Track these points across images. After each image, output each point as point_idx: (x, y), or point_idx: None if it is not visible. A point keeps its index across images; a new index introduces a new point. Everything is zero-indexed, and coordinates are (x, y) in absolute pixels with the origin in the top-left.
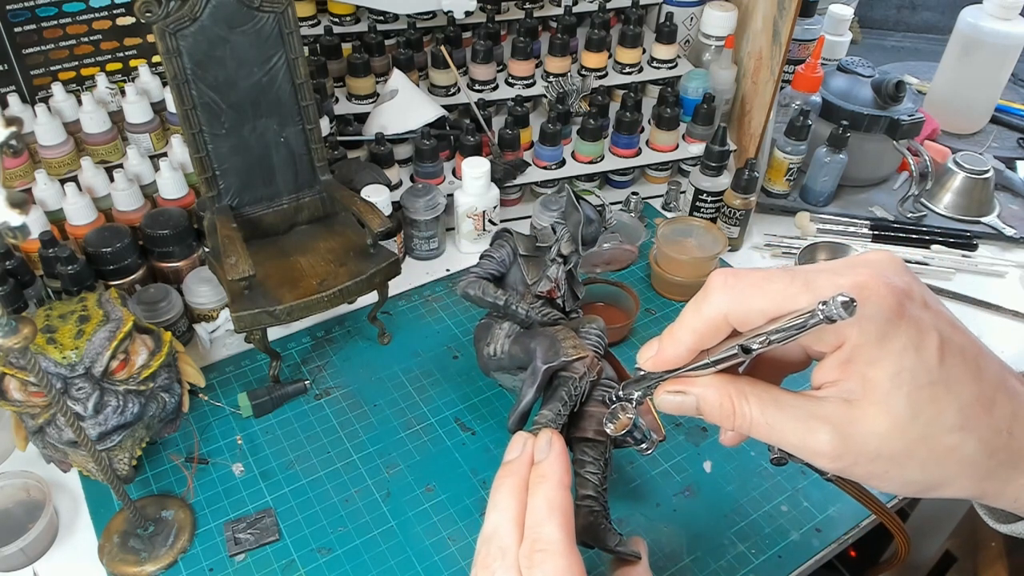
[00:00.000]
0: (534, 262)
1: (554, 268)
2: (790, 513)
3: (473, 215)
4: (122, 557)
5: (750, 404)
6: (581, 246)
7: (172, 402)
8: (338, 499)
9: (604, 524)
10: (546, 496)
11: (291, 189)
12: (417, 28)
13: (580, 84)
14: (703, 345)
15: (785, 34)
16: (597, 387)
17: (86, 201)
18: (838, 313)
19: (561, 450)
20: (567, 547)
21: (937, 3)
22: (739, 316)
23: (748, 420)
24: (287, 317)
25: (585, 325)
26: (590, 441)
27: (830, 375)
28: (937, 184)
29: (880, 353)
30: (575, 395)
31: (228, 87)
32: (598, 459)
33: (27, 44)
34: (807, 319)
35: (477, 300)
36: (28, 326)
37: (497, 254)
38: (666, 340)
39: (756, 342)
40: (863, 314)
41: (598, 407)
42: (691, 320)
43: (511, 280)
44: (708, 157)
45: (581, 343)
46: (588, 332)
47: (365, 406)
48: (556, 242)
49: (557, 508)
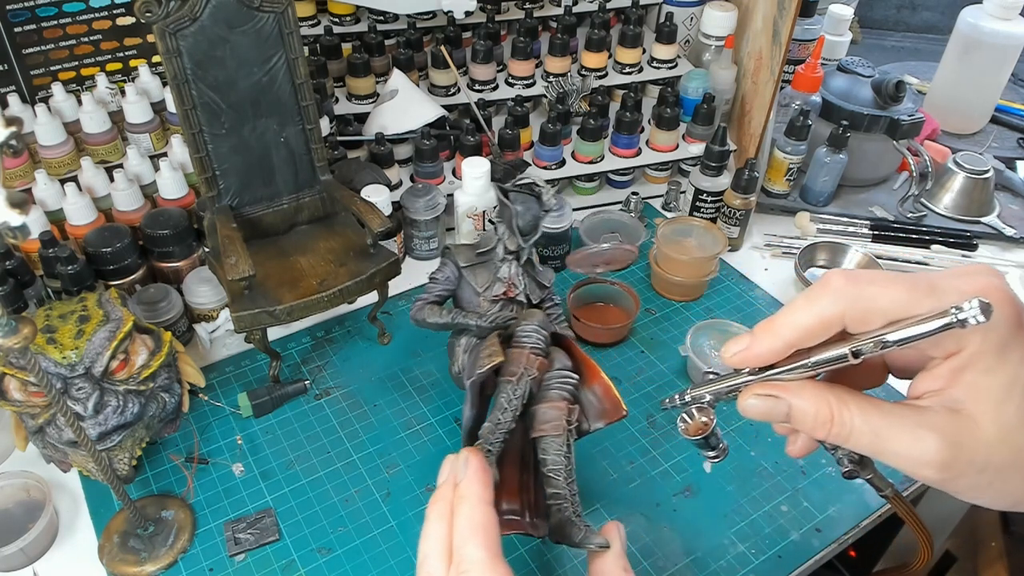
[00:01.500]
0: (482, 269)
1: (505, 267)
2: (790, 513)
3: (473, 215)
4: (122, 557)
5: (851, 412)
6: (522, 237)
7: (172, 402)
8: (338, 499)
9: (572, 520)
10: (466, 516)
11: (291, 189)
12: (417, 28)
13: (580, 84)
14: (805, 343)
15: (785, 34)
16: (547, 383)
17: (86, 201)
18: (975, 317)
19: (477, 467)
20: (490, 564)
21: (937, 3)
22: (858, 316)
23: (848, 428)
24: (287, 317)
25: (521, 323)
26: (549, 438)
27: (935, 384)
28: (937, 184)
29: (998, 362)
30: (514, 399)
31: (228, 87)
32: (559, 455)
33: (27, 44)
34: (940, 321)
35: (428, 325)
36: (28, 326)
37: (441, 275)
38: (761, 335)
39: (867, 346)
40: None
41: (552, 403)
42: (801, 316)
43: (465, 294)
44: (708, 157)
45: (499, 348)
46: (522, 331)
47: (365, 406)
48: (498, 241)
49: (478, 526)
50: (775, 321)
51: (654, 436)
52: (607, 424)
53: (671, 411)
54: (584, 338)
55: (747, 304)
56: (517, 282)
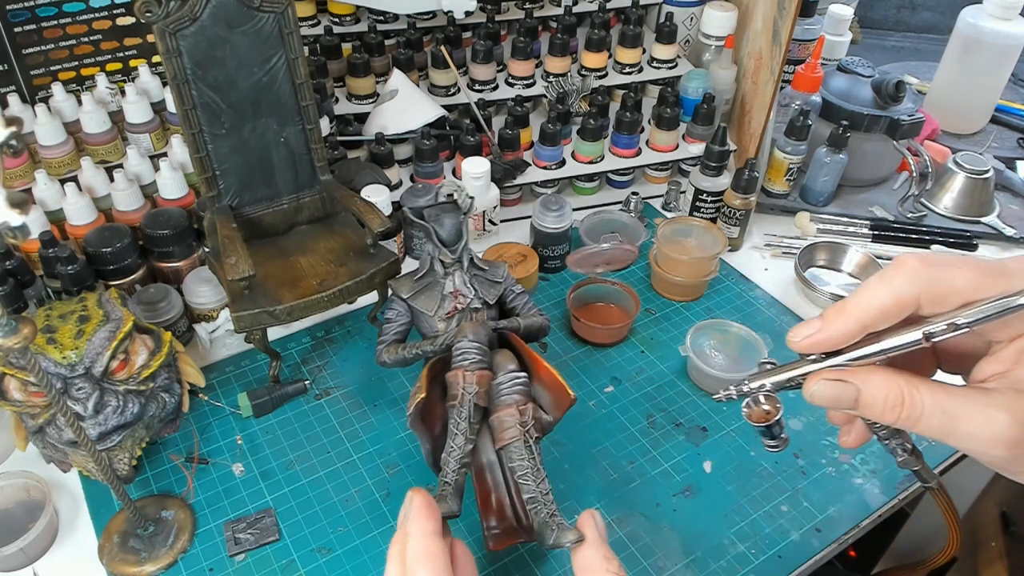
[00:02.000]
0: (428, 292)
1: (449, 281)
2: (790, 513)
3: (473, 215)
4: (122, 557)
5: (922, 394)
6: (450, 249)
7: (172, 402)
8: (338, 499)
9: (546, 521)
10: (412, 551)
11: (291, 189)
12: (417, 28)
13: (580, 84)
14: (879, 325)
15: (785, 34)
16: (497, 389)
17: (86, 201)
18: None
19: (420, 503)
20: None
21: (937, 3)
22: (934, 297)
23: (920, 410)
24: (287, 317)
25: (456, 341)
26: (511, 446)
27: (1000, 366)
28: (937, 184)
29: None
30: (461, 422)
31: (228, 87)
32: (523, 460)
33: (27, 44)
34: (1015, 301)
35: (395, 365)
36: (28, 326)
37: (392, 312)
38: (834, 317)
39: (940, 328)
40: None
41: (505, 409)
42: (876, 296)
43: (421, 322)
44: (708, 157)
45: (422, 384)
46: (456, 350)
47: (365, 406)
48: (433, 261)
49: (422, 556)
50: (847, 303)
51: (654, 436)
52: (562, 413)
53: (671, 412)
54: (584, 338)
55: (747, 304)
56: (465, 292)
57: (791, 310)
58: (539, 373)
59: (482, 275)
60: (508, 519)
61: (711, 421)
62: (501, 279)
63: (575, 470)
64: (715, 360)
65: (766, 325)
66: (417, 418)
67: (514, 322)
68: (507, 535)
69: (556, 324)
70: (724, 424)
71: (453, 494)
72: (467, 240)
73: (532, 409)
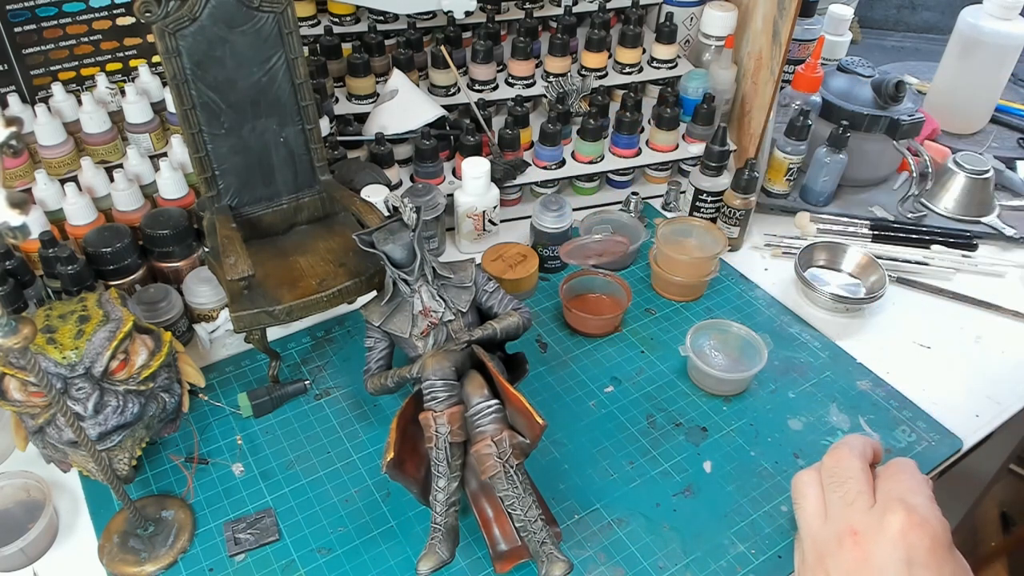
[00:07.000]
0: (399, 314)
1: (416, 300)
2: (790, 513)
3: (473, 215)
4: (122, 557)
5: None
6: (411, 266)
7: (172, 402)
8: (338, 499)
9: (538, 551)
10: None
11: (291, 189)
12: (417, 28)
13: (580, 84)
14: None
15: (785, 34)
16: (472, 420)
17: (86, 201)
18: None
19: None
20: None
21: (937, 3)
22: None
23: None
24: (287, 317)
25: (423, 378)
26: (492, 479)
27: None
28: (937, 184)
29: None
30: (440, 464)
31: (228, 87)
32: (507, 490)
33: (27, 44)
34: None
35: (380, 393)
36: (28, 326)
37: (370, 340)
38: None
39: None
40: None
41: (481, 441)
42: None
43: (401, 345)
44: (708, 157)
45: (392, 439)
46: (424, 389)
47: (365, 406)
48: (396, 282)
49: None
50: None
51: (654, 436)
52: (535, 440)
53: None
54: (577, 328)
55: (747, 304)
56: (435, 307)
57: (791, 310)
58: (510, 399)
59: (449, 283)
60: (512, 539)
61: (711, 421)
62: (470, 282)
63: (575, 470)
64: (715, 360)
65: (766, 325)
66: (394, 470)
67: (488, 329)
68: (513, 555)
69: (551, 319)
70: (724, 424)
71: (443, 540)
72: (422, 255)
73: (509, 437)
